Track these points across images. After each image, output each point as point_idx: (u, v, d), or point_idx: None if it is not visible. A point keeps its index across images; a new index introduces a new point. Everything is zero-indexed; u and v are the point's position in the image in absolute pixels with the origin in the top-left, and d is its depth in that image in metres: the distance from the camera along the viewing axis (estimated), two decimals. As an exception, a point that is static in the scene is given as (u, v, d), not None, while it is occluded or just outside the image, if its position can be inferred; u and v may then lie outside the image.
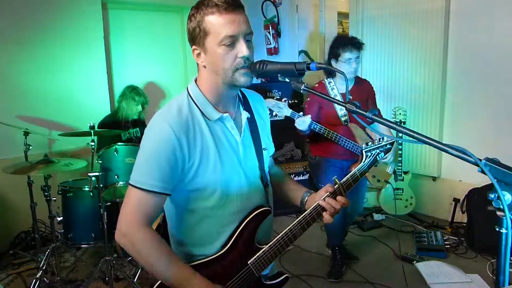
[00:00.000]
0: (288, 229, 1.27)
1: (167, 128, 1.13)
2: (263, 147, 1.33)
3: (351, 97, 2.83)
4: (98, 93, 3.99)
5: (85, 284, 2.72)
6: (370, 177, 2.96)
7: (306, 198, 1.37)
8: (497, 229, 0.82)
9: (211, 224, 1.24)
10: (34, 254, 3.16)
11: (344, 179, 1.33)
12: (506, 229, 0.81)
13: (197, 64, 1.22)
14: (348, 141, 2.75)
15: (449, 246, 3.36)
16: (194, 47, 1.18)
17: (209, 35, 1.13)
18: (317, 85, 2.91)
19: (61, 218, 2.89)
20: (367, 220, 3.98)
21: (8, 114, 3.44)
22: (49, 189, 2.87)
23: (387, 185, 3.73)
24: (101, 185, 2.67)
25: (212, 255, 1.25)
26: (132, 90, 3.49)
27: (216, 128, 1.22)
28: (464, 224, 3.56)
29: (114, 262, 2.68)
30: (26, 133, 3.08)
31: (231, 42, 1.12)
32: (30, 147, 3.07)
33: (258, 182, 1.31)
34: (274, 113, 2.66)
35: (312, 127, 2.65)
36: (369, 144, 1.42)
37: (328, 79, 2.88)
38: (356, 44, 2.73)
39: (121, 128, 3.45)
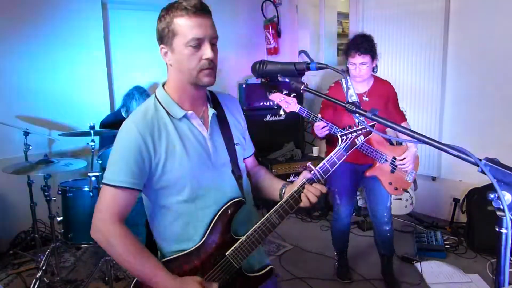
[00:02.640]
0: (265, 218, 1.30)
1: (133, 129, 1.22)
2: (235, 142, 1.38)
3: (367, 99, 2.68)
4: (98, 93, 3.99)
5: (85, 284, 2.72)
6: (386, 183, 2.72)
7: (284, 190, 1.40)
8: (497, 229, 0.83)
9: (186, 220, 1.29)
10: (34, 254, 3.15)
11: (321, 164, 1.35)
12: (506, 229, 0.81)
13: (166, 64, 1.29)
14: (366, 146, 2.59)
15: (449, 246, 3.36)
16: (162, 46, 1.26)
17: (177, 35, 1.20)
18: (333, 84, 2.79)
19: (61, 218, 2.89)
20: (367, 220, 3.97)
21: (8, 114, 3.43)
22: (49, 189, 2.86)
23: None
24: (101, 185, 2.67)
25: (189, 249, 1.29)
26: (143, 92, 3.49)
27: (182, 126, 1.28)
28: (464, 224, 3.56)
29: (114, 262, 2.68)
30: (26, 133, 3.08)
31: (197, 44, 1.19)
32: (30, 147, 3.08)
33: (229, 175, 1.35)
34: (281, 109, 2.51)
35: (332, 132, 2.47)
36: (345, 128, 1.46)
37: (346, 78, 2.82)
38: (361, 50, 2.55)
39: None
